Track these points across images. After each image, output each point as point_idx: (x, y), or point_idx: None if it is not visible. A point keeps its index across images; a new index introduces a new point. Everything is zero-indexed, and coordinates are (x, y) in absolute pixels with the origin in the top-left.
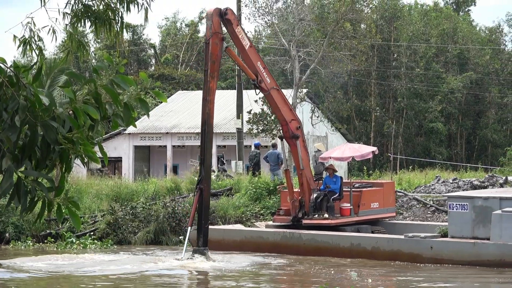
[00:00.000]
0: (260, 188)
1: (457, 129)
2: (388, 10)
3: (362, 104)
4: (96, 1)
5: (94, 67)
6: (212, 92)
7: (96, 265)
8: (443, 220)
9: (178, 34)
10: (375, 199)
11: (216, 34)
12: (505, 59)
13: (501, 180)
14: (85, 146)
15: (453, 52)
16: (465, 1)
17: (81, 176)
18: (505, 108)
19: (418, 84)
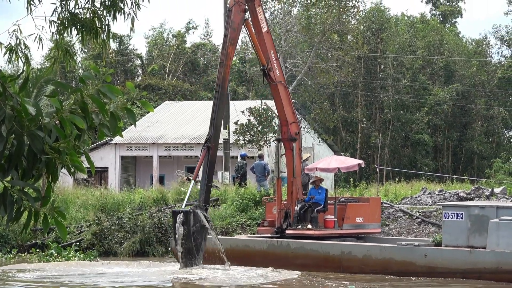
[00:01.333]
0: (246, 199)
1: (443, 140)
2: (375, 21)
3: (349, 116)
4: (82, 10)
5: (80, 77)
6: (229, 58)
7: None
8: (429, 232)
9: (165, 44)
10: (361, 213)
11: (239, 3)
12: (491, 71)
13: (487, 192)
14: (72, 156)
15: (439, 64)
16: (451, 13)
17: (67, 186)
18: (491, 120)
19: (405, 95)
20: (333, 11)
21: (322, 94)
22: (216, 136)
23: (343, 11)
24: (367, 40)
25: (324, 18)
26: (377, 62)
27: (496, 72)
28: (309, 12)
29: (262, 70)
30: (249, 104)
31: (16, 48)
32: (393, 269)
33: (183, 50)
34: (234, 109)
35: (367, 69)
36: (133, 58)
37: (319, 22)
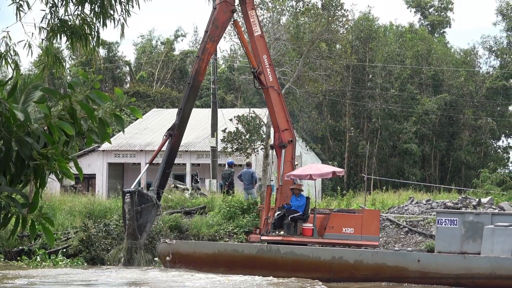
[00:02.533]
0: (233, 207)
1: (431, 150)
2: (363, 31)
3: (337, 124)
4: (72, 16)
5: (69, 83)
6: (206, 52)
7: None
8: (416, 241)
9: (153, 52)
10: (349, 224)
11: (226, 3)
12: (479, 81)
13: (474, 202)
14: (60, 162)
15: (427, 73)
16: (440, 23)
17: (54, 193)
18: (479, 130)
19: (393, 105)
20: (322, 20)
21: (310, 103)
22: (180, 125)
23: (332, 20)
24: (355, 49)
25: (313, 27)
26: (366, 71)
27: (484, 82)
28: (298, 21)
29: (252, 73)
30: (237, 112)
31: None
32: (385, 274)
33: (172, 58)
34: (222, 117)
35: (355, 78)
36: (122, 65)
37: (308, 31)
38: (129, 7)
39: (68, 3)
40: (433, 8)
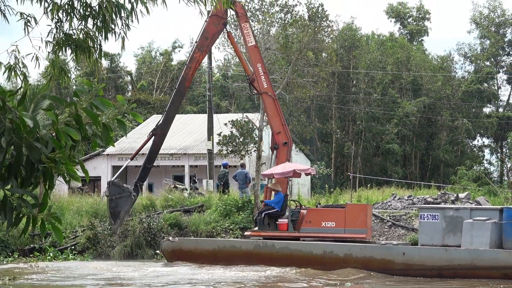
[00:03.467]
0: (229, 205)
1: (411, 150)
2: (347, 40)
3: (324, 127)
4: (76, 31)
5: (74, 91)
6: (194, 61)
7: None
8: (399, 234)
9: (152, 62)
10: (330, 218)
11: (216, 16)
12: (455, 85)
13: (452, 197)
14: (67, 165)
15: (407, 79)
16: (418, 32)
17: (62, 194)
18: (455, 130)
19: (376, 108)
20: (308, 31)
21: (299, 107)
22: (163, 125)
23: (318, 31)
24: (340, 57)
25: (301, 37)
26: (350, 78)
27: (460, 86)
28: (286, 31)
29: (247, 80)
30: (231, 117)
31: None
32: (373, 267)
33: (170, 67)
34: (218, 122)
35: (340, 84)
36: (123, 75)
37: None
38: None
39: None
40: (412, 18)
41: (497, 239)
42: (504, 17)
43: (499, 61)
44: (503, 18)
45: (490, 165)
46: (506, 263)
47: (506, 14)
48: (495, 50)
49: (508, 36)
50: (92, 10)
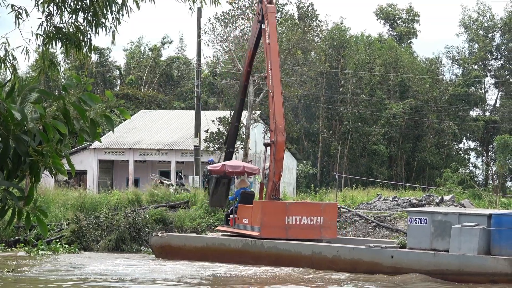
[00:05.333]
0: None
1: (397, 151)
2: (336, 40)
3: (311, 126)
4: (66, 24)
5: (63, 85)
6: (246, 58)
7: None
8: (383, 235)
9: (142, 57)
10: (246, 215)
11: (257, 15)
12: (443, 88)
13: (437, 200)
14: (54, 159)
15: (395, 80)
16: (407, 34)
17: (48, 187)
18: (442, 133)
19: (363, 109)
20: (298, 30)
21: (286, 106)
22: (233, 117)
23: (307, 30)
24: (329, 57)
25: (290, 36)
26: (338, 78)
27: (447, 89)
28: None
29: (264, 77)
30: (219, 114)
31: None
32: (362, 269)
33: (159, 63)
34: (205, 119)
35: (328, 84)
36: (112, 70)
37: (285, 39)
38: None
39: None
40: (401, 20)
41: (485, 245)
42: (493, 21)
43: (487, 65)
44: (491, 22)
45: (475, 169)
46: (493, 270)
47: (495, 19)
48: (483, 54)
49: (496, 40)
50: (83, 3)
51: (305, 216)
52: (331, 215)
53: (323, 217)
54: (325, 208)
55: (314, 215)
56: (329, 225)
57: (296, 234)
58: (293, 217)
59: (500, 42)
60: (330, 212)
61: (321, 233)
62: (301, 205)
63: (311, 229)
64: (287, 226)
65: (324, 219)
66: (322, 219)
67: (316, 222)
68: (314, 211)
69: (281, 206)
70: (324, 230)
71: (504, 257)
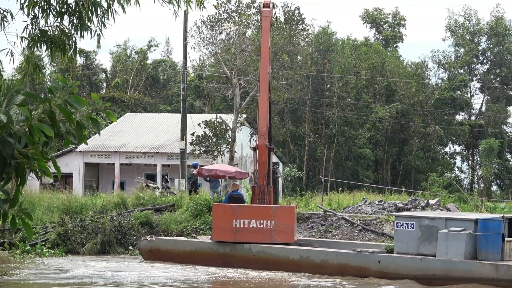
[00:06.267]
0: (200, 205)
1: (383, 155)
2: (322, 44)
3: (297, 130)
4: (52, 27)
5: (49, 88)
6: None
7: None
8: (369, 239)
9: (128, 60)
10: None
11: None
12: (429, 92)
13: (423, 203)
14: (39, 161)
15: (381, 84)
16: (393, 38)
17: (34, 190)
18: (427, 137)
19: (349, 112)
20: (284, 34)
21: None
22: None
23: (294, 34)
24: (315, 61)
25: (276, 40)
26: (324, 81)
27: (433, 93)
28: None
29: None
30: (205, 117)
31: None
32: (349, 273)
33: (145, 66)
34: (191, 122)
35: (314, 88)
36: (98, 72)
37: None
38: (105, 19)
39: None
40: (387, 24)
41: (472, 250)
42: (479, 26)
43: (473, 70)
44: (477, 27)
45: (461, 173)
46: (480, 275)
47: (481, 23)
48: (469, 58)
49: (482, 45)
50: (68, 7)
51: (254, 219)
52: (285, 219)
53: (274, 220)
54: (276, 211)
55: (264, 218)
56: (283, 229)
57: (245, 237)
58: (241, 220)
59: (486, 46)
60: (284, 216)
61: (272, 237)
62: (249, 208)
63: (260, 232)
64: (234, 229)
65: (275, 222)
66: (273, 223)
67: (266, 225)
68: (264, 214)
69: (229, 209)
70: (276, 234)
71: (490, 262)
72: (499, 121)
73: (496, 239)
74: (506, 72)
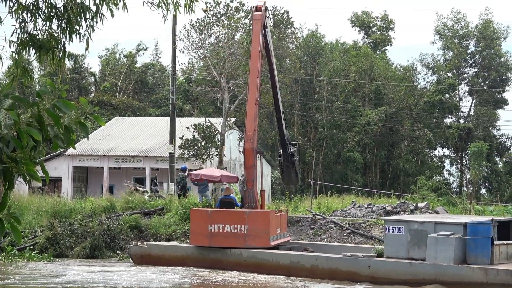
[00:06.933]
0: (189, 209)
1: (372, 158)
2: (311, 47)
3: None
4: (40, 31)
5: (37, 92)
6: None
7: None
8: (358, 242)
9: (116, 64)
10: None
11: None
12: (417, 95)
13: (411, 207)
14: (28, 165)
15: (370, 87)
16: (382, 41)
17: (22, 194)
18: (416, 140)
19: (338, 116)
20: (273, 37)
21: (261, 113)
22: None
23: (282, 37)
24: (304, 64)
25: None
26: (313, 85)
27: (422, 96)
28: (251, 37)
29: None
30: (193, 121)
31: None
32: (339, 278)
33: (134, 70)
34: (180, 125)
35: (303, 91)
36: (87, 76)
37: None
38: (93, 23)
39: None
40: (376, 27)
41: (461, 254)
42: (468, 29)
43: (461, 73)
44: (466, 30)
45: (450, 176)
46: (469, 279)
47: (469, 26)
48: (458, 61)
49: (471, 48)
50: (57, 11)
51: (228, 224)
52: (259, 224)
53: (248, 225)
54: (250, 216)
55: (238, 223)
56: (257, 234)
57: (219, 242)
58: (215, 225)
59: (474, 49)
60: (259, 221)
61: (246, 242)
62: (224, 213)
63: (235, 237)
64: (209, 234)
65: (249, 227)
66: (247, 228)
67: (240, 230)
68: (238, 219)
69: (204, 214)
70: (251, 239)
71: (480, 266)
72: (487, 125)
73: (485, 243)
74: (494, 76)
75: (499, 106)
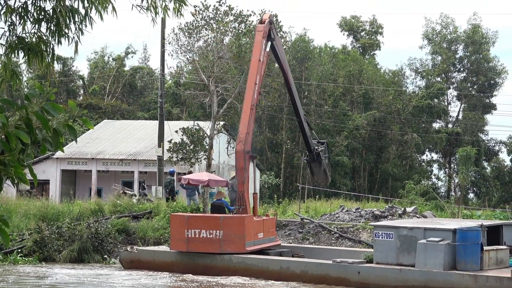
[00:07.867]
0: (177, 212)
1: (360, 162)
2: (300, 51)
3: (274, 137)
4: (29, 34)
5: (26, 95)
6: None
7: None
8: (346, 246)
9: (105, 67)
10: None
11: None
12: (406, 100)
13: (400, 211)
14: (16, 168)
15: (359, 92)
16: (370, 46)
17: (10, 197)
18: (405, 144)
19: (326, 120)
20: None
21: None
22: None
23: None
24: (292, 68)
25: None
26: (302, 89)
27: (410, 100)
28: (239, 41)
29: None
30: (182, 125)
31: None
32: (329, 284)
33: (122, 73)
34: (169, 129)
35: None
36: (76, 79)
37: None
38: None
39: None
40: (365, 31)
41: (451, 260)
42: (456, 34)
43: (450, 78)
44: (455, 35)
45: (438, 180)
46: (459, 285)
47: (458, 31)
48: (446, 66)
49: (459, 53)
50: (46, 14)
51: (204, 229)
52: (234, 229)
53: (223, 230)
54: (225, 221)
55: (213, 228)
56: (233, 239)
57: (195, 247)
58: (192, 230)
59: (463, 54)
60: (234, 226)
61: (221, 247)
62: (200, 218)
63: (210, 242)
64: (186, 239)
65: (224, 232)
66: (222, 233)
67: (215, 235)
68: (213, 224)
69: (182, 219)
70: (226, 244)
71: (469, 273)
72: (475, 129)
73: (474, 249)
74: (483, 80)
75: (487, 111)
